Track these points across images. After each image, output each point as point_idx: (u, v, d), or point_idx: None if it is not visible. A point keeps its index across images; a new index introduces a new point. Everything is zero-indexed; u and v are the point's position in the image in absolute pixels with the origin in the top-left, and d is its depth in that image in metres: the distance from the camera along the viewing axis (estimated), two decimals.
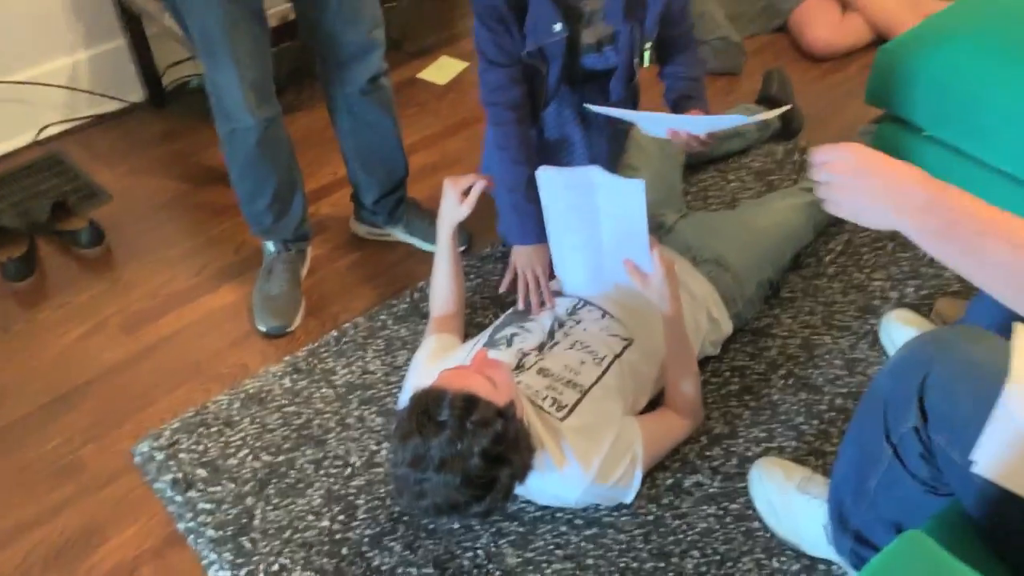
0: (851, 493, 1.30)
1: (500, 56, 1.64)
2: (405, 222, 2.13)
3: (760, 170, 2.31)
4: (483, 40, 1.64)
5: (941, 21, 2.00)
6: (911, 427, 1.12)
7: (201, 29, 1.62)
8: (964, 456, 1.04)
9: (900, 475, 1.18)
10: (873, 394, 1.21)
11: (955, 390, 1.06)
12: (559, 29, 1.58)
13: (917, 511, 1.21)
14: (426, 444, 1.30)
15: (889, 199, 0.96)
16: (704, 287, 1.79)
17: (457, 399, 1.31)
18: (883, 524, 1.28)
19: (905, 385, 1.12)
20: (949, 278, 1.99)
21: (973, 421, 1.00)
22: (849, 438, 1.30)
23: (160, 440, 1.74)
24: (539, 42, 1.60)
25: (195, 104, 2.58)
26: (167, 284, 2.10)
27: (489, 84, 1.68)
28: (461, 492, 1.31)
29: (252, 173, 1.85)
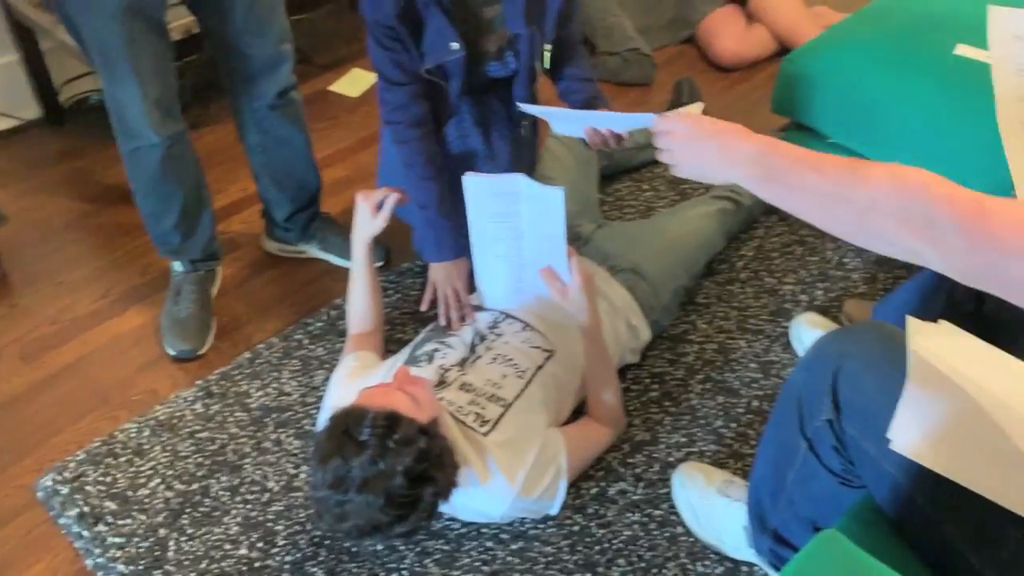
0: (769, 492, 1.33)
1: (399, 75, 1.62)
2: (319, 238, 2.08)
3: (674, 179, 2.35)
4: (380, 60, 1.61)
5: (841, 31, 2.07)
6: (825, 420, 1.14)
7: (98, 44, 1.55)
8: (876, 447, 1.07)
9: (815, 469, 1.21)
10: (788, 390, 1.23)
11: (865, 381, 1.10)
12: (456, 48, 1.57)
13: (832, 507, 1.23)
14: (347, 465, 1.27)
15: (722, 157, 1.07)
16: (622, 296, 1.80)
17: (379, 417, 1.29)
18: (800, 522, 1.31)
19: (818, 379, 1.14)
20: (856, 280, 2.06)
21: (883, 412, 1.03)
22: (766, 437, 1.32)
23: (65, 473, 1.66)
24: (437, 60, 1.59)
25: (95, 121, 2.48)
26: (69, 309, 2.01)
27: (389, 103, 1.65)
28: (384, 512, 1.28)
29: (157, 192, 1.78)
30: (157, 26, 1.59)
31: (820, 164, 0.96)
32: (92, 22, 1.53)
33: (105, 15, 1.51)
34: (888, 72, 1.91)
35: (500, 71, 1.71)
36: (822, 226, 0.97)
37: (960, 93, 1.83)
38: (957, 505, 1.02)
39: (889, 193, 0.88)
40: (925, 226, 0.86)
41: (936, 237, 0.85)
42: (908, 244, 0.88)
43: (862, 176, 0.91)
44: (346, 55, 2.84)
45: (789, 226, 2.20)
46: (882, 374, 1.08)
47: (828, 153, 0.97)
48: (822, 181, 0.95)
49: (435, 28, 1.55)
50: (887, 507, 1.12)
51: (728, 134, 1.08)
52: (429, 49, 1.58)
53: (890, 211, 0.88)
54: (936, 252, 0.85)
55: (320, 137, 2.49)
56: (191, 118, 2.52)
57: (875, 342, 1.12)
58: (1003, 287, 0.82)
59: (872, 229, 0.91)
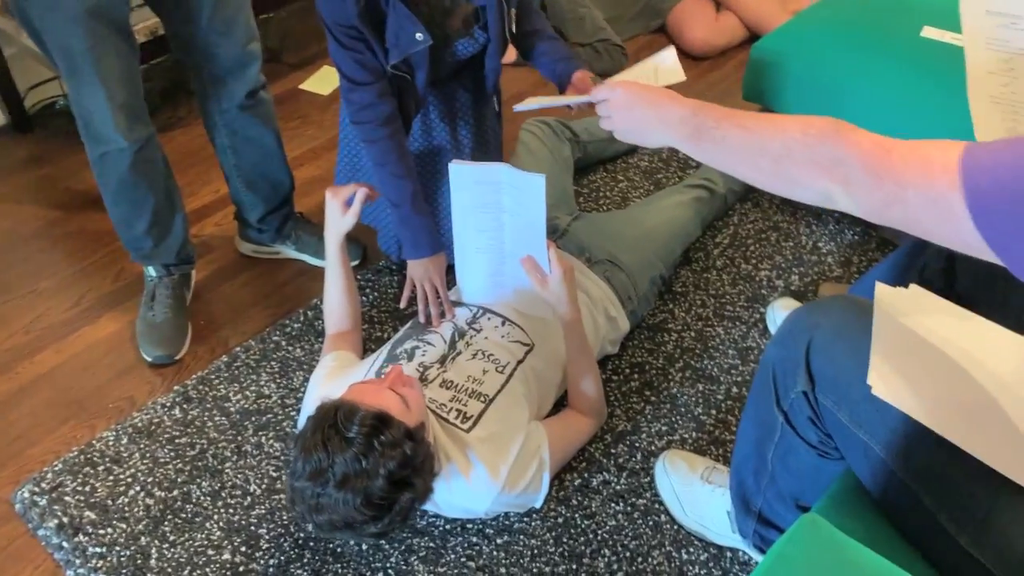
0: (752, 472, 1.34)
1: (363, 75, 1.59)
2: (294, 238, 2.07)
3: (648, 169, 2.36)
4: (343, 61, 1.58)
5: (809, 17, 2.09)
6: (800, 391, 1.16)
7: (62, 49, 1.53)
8: (850, 417, 1.09)
9: (794, 443, 1.22)
10: (763, 367, 1.24)
11: (837, 351, 1.11)
12: (422, 38, 1.54)
13: (813, 481, 1.25)
14: (330, 459, 1.26)
15: (656, 122, 1.13)
16: (600, 287, 1.80)
17: (368, 416, 1.28)
18: (783, 501, 1.32)
19: (792, 352, 1.16)
20: (831, 264, 2.07)
21: (855, 381, 1.05)
22: (745, 416, 1.33)
23: (42, 484, 1.64)
24: (403, 53, 1.56)
25: (63, 126, 2.45)
26: (42, 318, 1.98)
27: (355, 104, 1.62)
28: (359, 511, 1.28)
29: (127, 197, 1.76)
30: (121, 29, 1.57)
31: (742, 120, 1.02)
32: (54, 26, 1.50)
33: (67, 18, 1.48)
34: (856, 56, 1.92)
35: (470, 47, 1.68)
36: (745, 178, 1.03)
37: (928, 75, 1.84)
38: (933, 473, 1.04)
39: (801, 139, 0.94)
40: (833, 166, 0.91)
41: (844, 176, 0.90)
42: (820, 186, 0.93)
43: (779, 127, 0.97)
44: (316, 53, 2.82)
45: (763, 212, 2.21)
46: (853, 343, 1.09)
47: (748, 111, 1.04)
48: (744, 134, 1.01)
49: (398, 21, 1.52)
50: (864, 478, 1.14)
51: (660, 98, 1.14)
52: (393, 43, 1.55)
53: (802, 156, 0.94)
54: (845, 191, 0.91)
55: (292, 136, 2.48)
56: (161, 121, 2.51)
57: (845, 312, 1.14)
58: (904, 220, 0.87)
59: (787, 174, 0.97)
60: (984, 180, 0.79)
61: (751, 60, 2.06)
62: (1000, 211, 0.78)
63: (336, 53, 1.58)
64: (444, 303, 1.69)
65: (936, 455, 1.02)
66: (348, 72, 1.59)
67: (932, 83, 1.83)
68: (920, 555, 1.09)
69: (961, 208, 0.81)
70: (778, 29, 2.09)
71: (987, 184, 0.79)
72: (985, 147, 0.81)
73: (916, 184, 0.84)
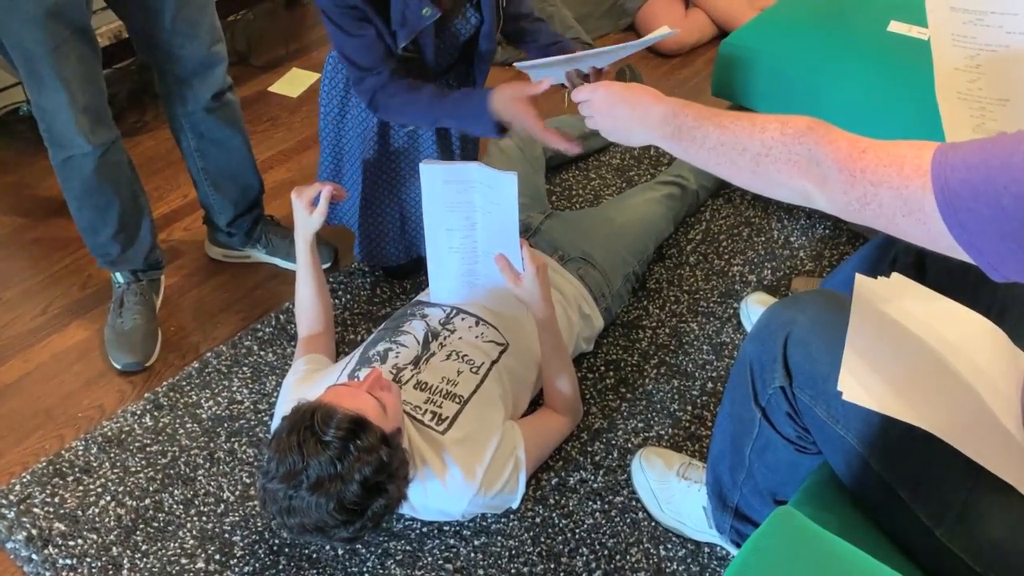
0: (728, 469, 1.34)
1: (371, 59, 1.55)
2: (264, 242, 2.05)
3: (620, 166, 2.36)
4: (348, 48, 1.54)
5: (777, 13, 2.10)
6: (777, 387, 1.16)
7: (21, 51, 1.50)
8: (827, 411, 1.09)
9: (771, 438, 1.22)
10: (740, 362, 1.24)
11: (814, 346, 1.12)
12: (429, 12, 1.50)
13: (791, 476, 1.25)
14: (304, 461, 1.25)
15: (637, 121, 1.15)
16: (573, 285, 1.80)
17: (345, 420, 1.27)
18: (760, 496, 1.32)
19: (769, 347, 1.16)
20: (803, 258, 2.08)
21: (832, 375, 1.05)
22: (722, 412, 1.33)
23: (10, 496, 1.61)
24: (412, 32, 1.52)
25: (27, 132, 2.41)
26: (8, 327, 1.94)
27: (368, 91, 1.58)
28: (332, 516, 1.26)
29: (92, 202, 1.73)
30: (82, 30, 1.54)
31: (722, 119, 1.04)
32: (13, 29, 1.48)
33: (26, 20, 1.45)
34: (824, 51, 1.93)
35: (462, 29, 1.66)
36: (726, 176, 1.04)
37: (895, 69, 1.86)
38: (909, 467, 1.04)
39: (779, 138, 0.96)
40: (810, 165, 0.93)
41: (820, 175, 0.92)
42: (797, 184, 0.95)
43: (758, 126, 0.99)
44: (284, 55, 2.80)
45: (735, 208, 2.22)
46: (830, 338, 1.10)
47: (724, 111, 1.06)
48: (723, 134, 1.02)
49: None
50: (842, 473, 1.14)
51: (640, 98, 1.16)
52: (400, 23, 1.51)
53: (780, 155, 0.96)
54: (821, 191, 0.92)
55: (261, 139, 2.46)
56: (127, 125, 2.47)
57: (822, 307, 1.14)
58: (879, 220, 0.88)
59: (766, 173, 0.98)
60: (955, 181, 0.80)
61: (719, 56, 2.06)
62: (970, 212, 0.79)
63: (341, 42, 1.55)
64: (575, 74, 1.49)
65: (912, 449, 1.03)
66: (356, 58, 1.56)
67: (899, 77, 1.84)
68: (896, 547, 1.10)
69: (932, 208, 0.81)
70: (746, 25, 2.10)
71: (957, 185, 0.80)
72: (957, 148, 0.82)
73: (889, 184, 0.85)
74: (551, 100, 2.63)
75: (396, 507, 1.38)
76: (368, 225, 1.89)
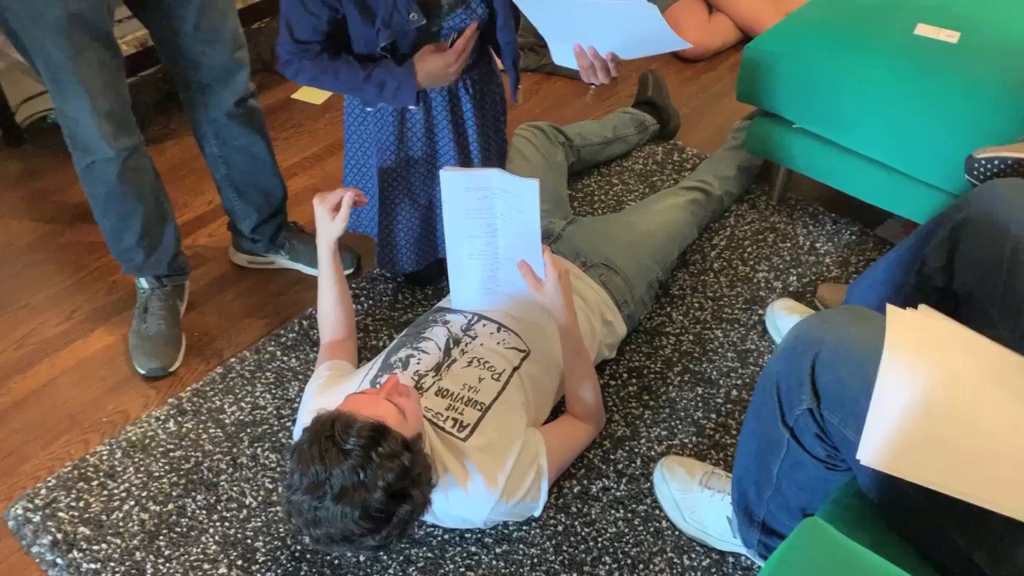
0: (754, 484, 1.32)
1: (310, 36, 1.59)
2: (288, 247, 2.06)
3: (642, 172, 2.34)
4: (295, 18, 1.57)
5: (802, 17, 2.07)
6: (805, 408, 1.14)
7: (45, 58, 1.52)
8: (856, 434, 1.06)
9: (801, 457, 1.20)
10: (765, 380, 1.22)
11: (843, 369, 1.09)
12: (416, 18, 1.51)
13: (821, 492, 1.23)
14: (327, 471, 1.25)
15: None
16: (596, 291, 1.79)
17: (365, 428, 1.27)
18: (789, 511, 1.30)
19: (797, 367, 1.14)
20: (829, 264, 2.06)
21: (861, 398, 1.03)
22: (747, 429, 1.31)
23: (35, 500, 1.62)
24: (394, 35, 1.53)
25: (55, 140, 2.43)
26: (35, 332, 1.96)
27: (287, 54, 1.63)
28: (358, 524, 1.26)
29: (116, 208, 1.74)
30: (103, 37, 1.55)
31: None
32: (36, 36, 1.49)
33: (49, 28, 1.47)
34: (850, 55, 1.91)
35: (465, 19, 1.64)
36: None
37: (922, 73, 1.83)
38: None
39: None
40: None
41: None
42: None
43: None
44: None
45: (760, 213, 2.20)
46: (859, 360, 1.07)
47: None
48: None
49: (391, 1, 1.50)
50: (873, 494, 1.12)
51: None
52: (386, 22, 1.52)
53: None
54: None
55: (285, 146, 2.47)
56: (152, 132, 2.49)
57: (850, 327, 1.12)
58: None
59: None
60: None
61: (744, 61, 2.04)
62: None
63: (291, 9, 1.57)
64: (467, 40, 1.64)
65: None
66: (296, 31, 1.59)
67: (926, 81, 1.82)
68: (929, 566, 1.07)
69: None
70: (771, 29, 2.07)
71: None
72: None
73: None
74: (573, 105, 2.63)
75: (422, 512, 1.37)
76: (386, 232, 1.89)
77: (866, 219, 2.15)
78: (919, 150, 1.84)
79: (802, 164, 2.08)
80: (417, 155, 1.80)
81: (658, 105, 2.45)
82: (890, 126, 1.85)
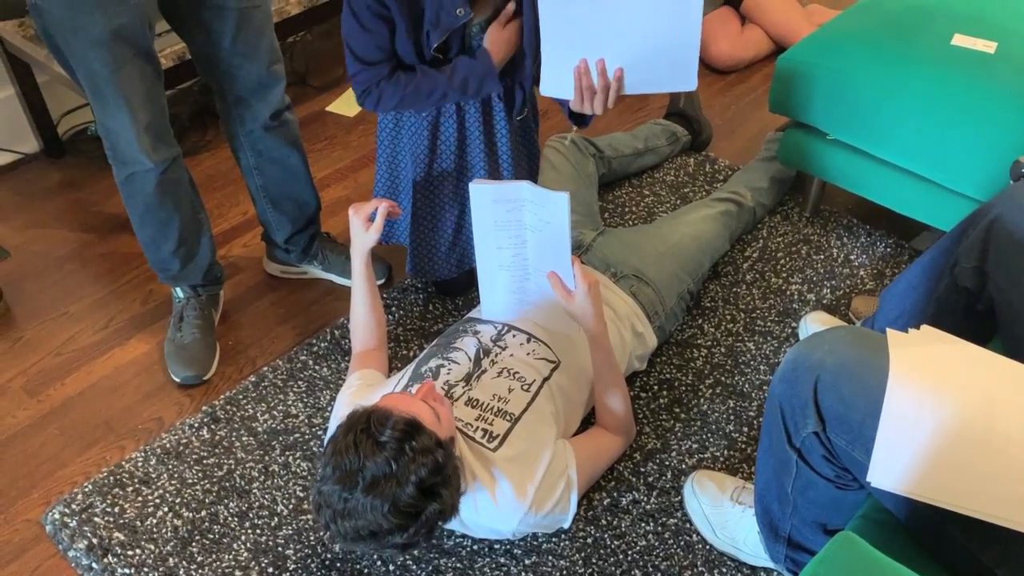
0: (776, 500, 1.31)
1: (375, 55, 1.59)
2: (321, 258, 2.08)
3: (674, 183, 2.34)
4: (356, 40, 1.58)
5: (835, 27, 2.06)
6: (811, 431, 1.13)
7: (87, 72, 1.55)
8: (865, 455, 1.05)
9: (811, 477, 1.20)
10: (770, 402, 1.22)
11: (845, 390, 1.09)
12: (463, 13, 1.51)
13: (836, 509, 1.22)
14: (360, 462, 1.25)
15: None
16: (626, 302, 1.78)
17: (401, 421, 1.28)
18: (810, 527, 1.29)
19: (799, 390, 1.13)
20: (863, 277, 2.03)
21: (867, 419, 1.02)
22: (762, 447, 1.31)
23: (72, 505, 1.65)
24: (445, 32, 1.53)
25: (95, 151, 2.49)
26: (73, 340, 2.00)
27: (362, 84, 1.63)
28: (386, 518, 1.26)
29: (153, 218, 1.78)
30: (144, 51, 1.59)
31: None
32: (78, 50, 1.53)
33: (90, 42, 1.50)
34: (884, 65, 1.89)
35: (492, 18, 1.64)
36: None
37: (959, 83, 1.81)
38: None
39: None
40: None
41: None
42: None
43: None
44: (341, 75, 2.84)
45: (793, 225, 2.18)
46: (861, 381, 1.07)
47: None
48: None
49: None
50: (891, 507, 1.11)
51: None
52: (433, 23, 1.53)
53: None
54: None
55: (319, 157, 2.50)
56: (189, 145, 2.54)
57: (850, 348, 1.11)
58: None
59: None
60: None
61: (777, 72, 2.03)
62: None
63: (351, 31, 1.58)
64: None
65: None
66: (361, 52, 1.60)
67: (963, 91, 1.79)
68: None
69: None
70: (804, 40, 2.06)
71: None
72: None
73: None
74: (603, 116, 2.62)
75: (450, 515, 1.37)
76: (419, 240, 1.90)
77: (901, 231, 2.13)
78: (955, 161, 1.81)
79: (836, 175, 2.06)
80: (449, 166, 1.81)
81: (690, 116, 2.44)
82: (926, 137, 1.83)
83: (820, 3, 3.03)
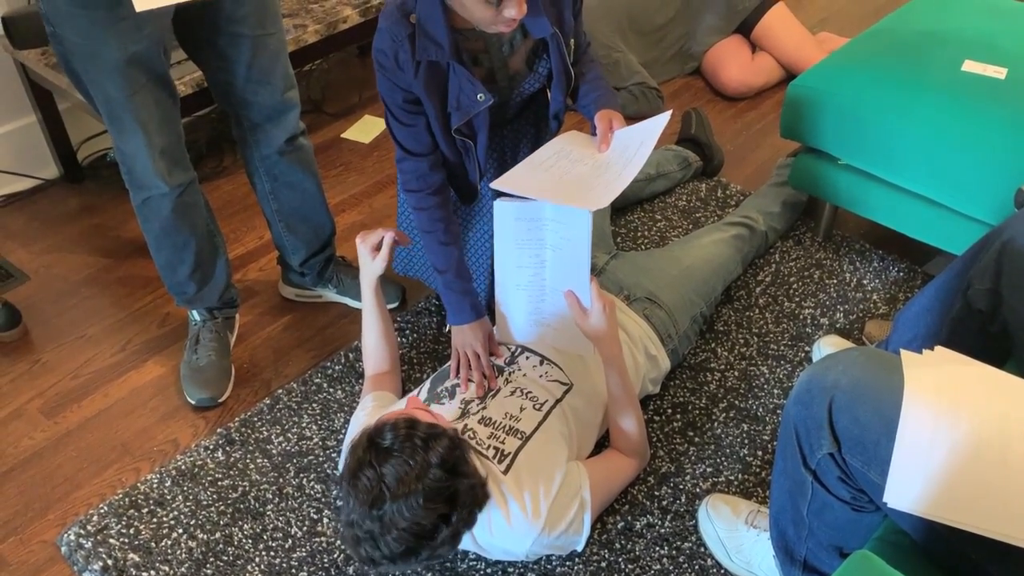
0: (791, 523, 1.30)
1: (417, 147, 1.61)
2: (335, 281, 2.09)
3: (686, 208, 2.35)
4: (398, 133, 1.61)
5: (846, 53, 2.08)
6: (826, 453, 1.13)
7: (103, 97, 1.58)
8: (881, 477, 1.05)
9: (826, 500, 1.19)
10: (785, 423, 1.22)
11: (860, 411, 1.08)
12: (483, 99, 1.54)
13: (852, 532, 1.21)
14: (378, 473, 1.25)
15: None
16: (639, 325, 1.79)
17: (399, 423, 1.29)
18: (825, 550, 1.28)
19: (813, 412, 1.13)
20: (876, 301, 2.03)
21: (882, 440, 1.02)
22: (776, 469, 1.30)
23: (88, 526, 1.65)
24: (466, 116, 1.56)
25: (113, 177, 2.52)
26: (90, 363, 2.02)
27: (408, 173, 1.65)
28: (425, 510, 1.25)
29: (169, 241, 1.80)
30: (159, 77, 1.62)
31: None
32: (95, 76, 1.56)
33: (107, 68, 1.53)
34: (895, 90, 1.90)
35: (535, 83, 1.67)
36: None
37: (970, 110, 1.82)
38: None
39: None
40: None
41: None
42: None
43: None
44: (356, 103, 2.88)
45: (805, 250, 2.18)
46: (876, 402, 1.07)
47: None
48: None
49: (458, 83, 1.53)
50: (909, 531, 1.10)
51: None
52: (455, 107, 1.56)
53: None
54: None
55: (335, 183, 2.52)
56: (206, 171, 2.57)
57: (865, 369, 1.11)
58: None
59: None
60: None
61: (788, 98, 2.05)
62: None
63: (392, 126, 1.61)
64: (486, 369, 1.65)
65: None
66: (403, 142, 1.62)
67: (974, 118, 1.80)
68: None
69: None
70: (816, 66, 2.08)
71: None
72: None
73: None
74: None
75: (483, 496, 1.34)
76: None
77: (913, 255, 2.13)
78: (967, 185, 1.82)
79: (848, 200, 2.07)
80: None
81: (702, 142, 2.46)
82: (938, 161, 1.84)
83: (830, 31, 3.06)
